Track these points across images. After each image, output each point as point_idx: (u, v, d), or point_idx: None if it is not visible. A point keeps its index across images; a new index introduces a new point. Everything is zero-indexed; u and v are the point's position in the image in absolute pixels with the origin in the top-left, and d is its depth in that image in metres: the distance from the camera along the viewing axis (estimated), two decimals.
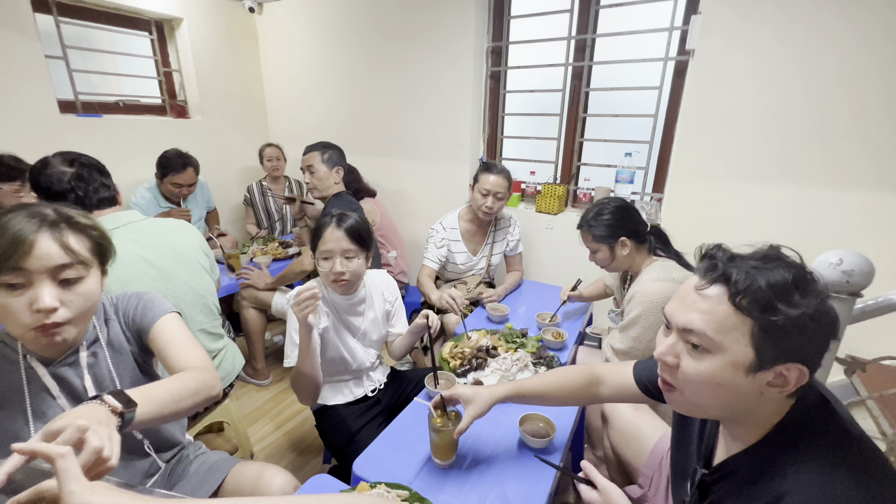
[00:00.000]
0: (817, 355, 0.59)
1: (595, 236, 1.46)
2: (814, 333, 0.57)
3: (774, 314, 0.57)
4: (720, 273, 0.62)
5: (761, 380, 0.60)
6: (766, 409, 0.64)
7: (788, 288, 0.57)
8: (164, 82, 2.90)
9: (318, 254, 1.28)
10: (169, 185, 2.27)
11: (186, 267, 1.42)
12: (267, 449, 1.83)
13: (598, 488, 0.81)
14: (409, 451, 1.07)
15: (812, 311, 0.56)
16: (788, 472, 0.59)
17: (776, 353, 0.58)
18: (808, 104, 1.71)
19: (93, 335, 0.91)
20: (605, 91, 2.29)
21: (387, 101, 2.82)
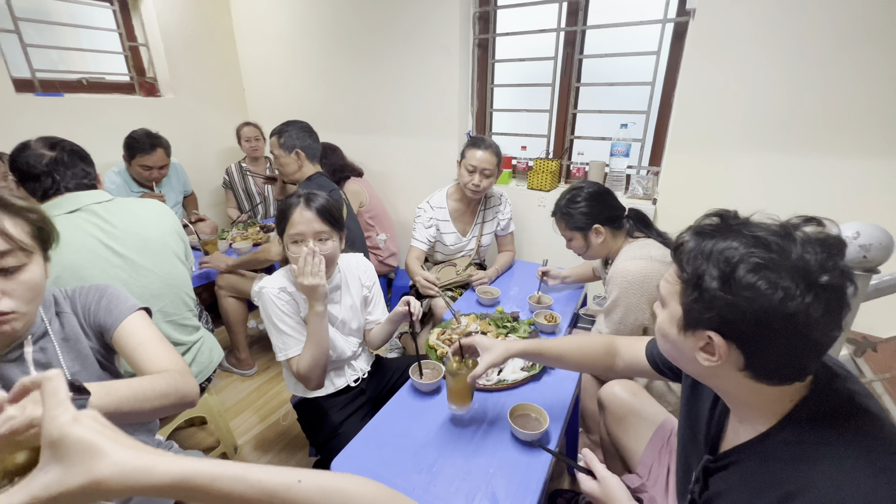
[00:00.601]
0: (756, 339, 0.54)
1: (568, 224, 1.43)
2: (732, 309, 0.53)
3: (694, 276, 0.57)
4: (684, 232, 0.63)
5: (693, 341, 0.60)
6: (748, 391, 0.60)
7: (720, 254, 0.55)
8: (130, 58, 2.71)
9: (286, 238, 1.18)
10: (137, 168, 2.14)
11: (154, 253, 1.32)
12: (252, 442, 1.77)
13: (598, 478, 0.79)
14: (392, 448, 0.99)
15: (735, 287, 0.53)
16: (801, 468, 0.54)
17: (697, 316, 0.57)
18: (816, 66, 1.59)
19: (41, 329, 0.84)
20: (599, 58, 2.16)
21: (369, 72, 2.66)
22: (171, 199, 2.41)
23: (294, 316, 1.20)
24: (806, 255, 0.52)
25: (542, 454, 0.98)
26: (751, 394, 0.60)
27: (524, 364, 1.25)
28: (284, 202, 1.21)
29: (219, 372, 2.20)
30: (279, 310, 1.18)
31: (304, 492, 0.43)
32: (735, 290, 0.53)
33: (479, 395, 1.16)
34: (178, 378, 0.84)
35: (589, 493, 0.80)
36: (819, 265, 0.51)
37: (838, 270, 0.51)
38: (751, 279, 0.52)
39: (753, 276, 0.52)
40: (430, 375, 1.19)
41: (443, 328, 1.42)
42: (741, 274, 0.52)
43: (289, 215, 1.17)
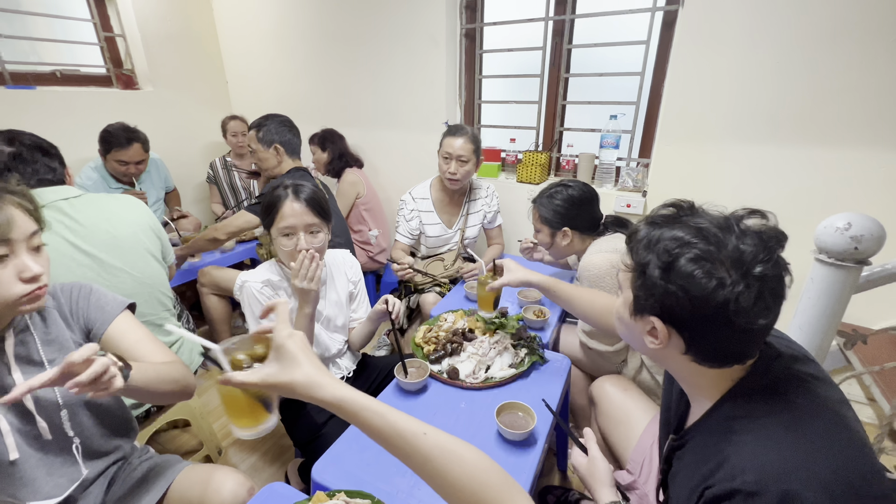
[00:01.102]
0: (693, 325, 0.58)
1: (541, 216, 1.43)
2: (670, 297, 0.57)
3: (640, 264, 0.61)
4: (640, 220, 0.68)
5: (642, 325, 0.64)
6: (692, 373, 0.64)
7: (664, 244, 0.58)
8: (106, 49, 2.62)
9: (275, 231, 1.15)
10: (114, 163, 2.06)
11: (125, 252, 1.26)
12: (237, 443, 1.73)
13: (589, 456, 0.82)
14: (375, 450, 0.96)
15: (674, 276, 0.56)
16: (731, 440, 0.58)
17: (643, 302, 0.61)
18: (805, 57, 1.57)
19: (21, 322, 0.83)
20: (588, 48, 2.12)
21: (354, 63, 2.60)
22: (152, 196, 2.34)
23: None
24: (742, 246, 0.55)
25: (530, 453, 0.96)
26: (696, 375, 0.65)
27: (512, 361, 1.23)
28: (271, 194, 1.16)
29: (202, 372, 2.15)
30: (261, 304, 1.15)
31: (426, 444, 0.53)
32: (674, 279, 0.56)
33: (465, 394, 1.13)
34: (184, 369, 0.93)
35: (575, 466, 0.83)
36: (753, 256, 0.54)
37: (772, 262, 0.54)
38: (688, 268, 0.55)
39: (691, 266, 0.55)
40: (416, 374, 1.16)
41: (429, 325, 1.39)
42: (681, 263, 0.56)
43: (278, 208, 1.13)
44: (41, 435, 0.82)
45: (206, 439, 1.58)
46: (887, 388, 1.29)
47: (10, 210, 0.74)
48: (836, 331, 0.96)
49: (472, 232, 2.00)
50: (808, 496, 0.48)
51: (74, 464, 0.88)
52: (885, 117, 1.52)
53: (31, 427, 0.81)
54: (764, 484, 0.50)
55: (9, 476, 0.79)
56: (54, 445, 0.84)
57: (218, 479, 0.93)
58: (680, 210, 0.63)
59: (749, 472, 0.52)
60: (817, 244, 0.92)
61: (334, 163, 2.50)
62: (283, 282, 1.22)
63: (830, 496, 0.49)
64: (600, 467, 0.79)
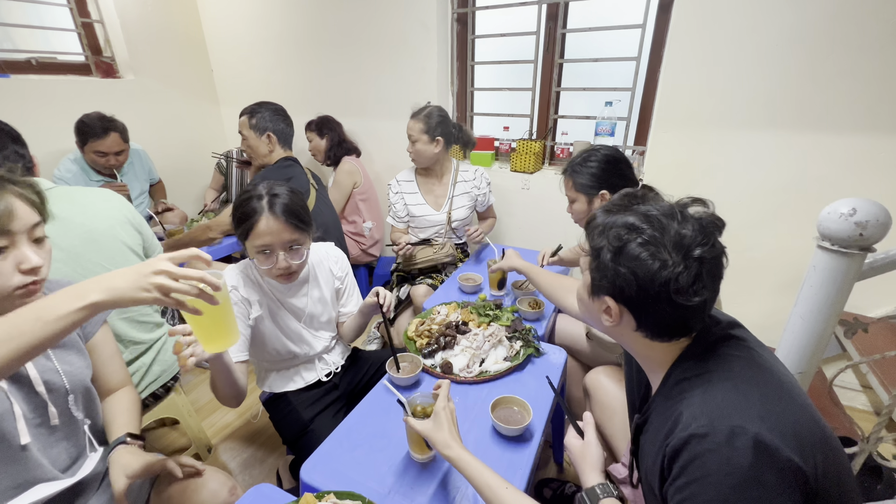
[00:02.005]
0: (641, 304, 0.63)
1: (576, 183, 1.36)
2: (620, 278, 0.62)
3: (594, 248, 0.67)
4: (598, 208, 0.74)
5: (598, 305, 0.69)
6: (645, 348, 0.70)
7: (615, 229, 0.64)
8: (84, 36, 2.52)
9: (250, 246, 1.06)
10: (92, 155, 1.98)
11: (100, 246, 1.21)
12: (227, 441, 1.70)
13: (584, 440, 0.83)
14: (366, 448, 0.93)
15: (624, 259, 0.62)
16: (683, 398, 0.63)
17: (598, 283, 0.67)
18: (804, 41, 1.54)
19: None
20: (583, 32, 2.07)
21: (343, 51, 2.52)
22: (136, 188, 2.27)
23: (241, 318, 1.09)
24: (683, 231, 0.61)
25: (526, 448, 0.93)
26: (648, 349, 0.70)
27: (507, 354, 1.20)
28: (243, 206, 1.04)
29: (192, 368, 2.10)
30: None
31: (506, 497, 0.71)
32: (623, 262, 0.62)
33: (459, 389, 1.10)
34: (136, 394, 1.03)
35: (568, 447, 0.84)
36: (692, 240, 0.60)
37: (710, 245, 0.61)
38: (636, 252, 0.61)
39: (638, 249, 0.61)
40: (408, 369, 1.13)
41: (422, 318, 1.36)
42: (630, 248, 0.61)
43: (253, 223, 1.02)
44: (49, 420, 0.83)
45: (195, 437, 1.54)
46: (885, 377, 1.28)
47: (12, 200, 0.73)
48: (838, 319, 0.93)
49: (460, 214, 1.97)
50: (750, 428, 0.53)
51: (82, 446, 0.90)
52: (885, 101, 1.49)
53: (40, 413, 0.81)
54: (712, 425, 0.56)
55: (20, 461, 0.78)
56: (62, 431, 0.85)
57: (198, 479, 0.90)
58: (632, 199, 0.68)
59: (699, 418, 0.57)
60: (820, 231, 0.89)
61: (334, 149, 2.45)
62: (254, 288, 1.14)
63: (771, 429, 0.54)
64: (593, 452, 0.80)
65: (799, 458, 0.53)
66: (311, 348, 1.23)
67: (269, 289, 1.16)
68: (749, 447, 0.52)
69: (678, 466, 0.58)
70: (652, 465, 0.66)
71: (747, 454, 0.52)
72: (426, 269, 1.93)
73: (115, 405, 0.97)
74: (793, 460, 0.52)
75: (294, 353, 1.20)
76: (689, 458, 0.56)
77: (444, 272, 1.94)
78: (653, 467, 0.65)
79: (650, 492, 0.69)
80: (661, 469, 0.62)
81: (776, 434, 0.53)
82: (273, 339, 1.17)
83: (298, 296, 1.20)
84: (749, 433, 0.53)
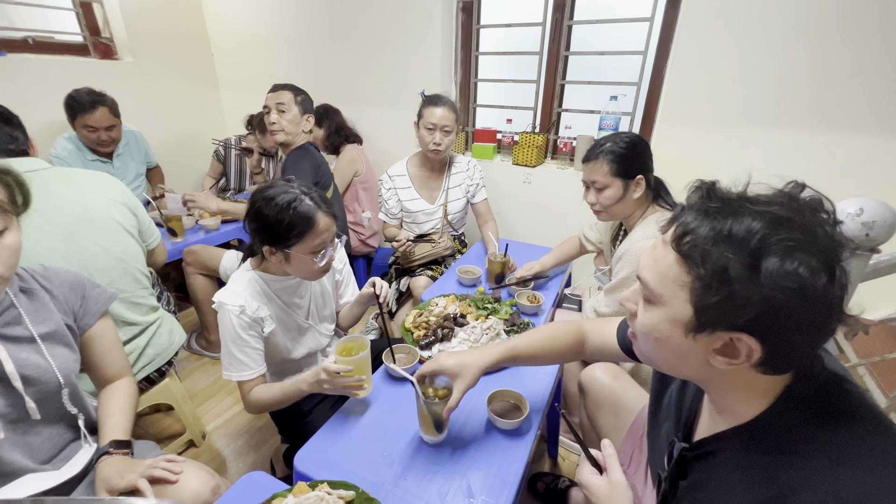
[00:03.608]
0: (788, 332, 0.46)
1: (612, 168, 1.24)
2: (771, 305, 0.44)
3: (714, 270, 0.47)
4: (678, 212, 0.54)
5: (705, 344, 0.51)
6: (742, 382, 0.54)
7: (743, 240, 0.46)
8: (81, 15, 2.47)
9: (302, 249, 1.00)
10: (83, 131, 1.96)
11: (96, 225, 1.21)
12: (223, 427, 1.69)
13: (610, 479, 0.67)
14: (361, 439, 0.93)
15: (769, 278, 0.44)
16: (793, 461, 0.50)
17: (718, 317, 0.48)
18: (815, 38, 1.51)
19: (6, 301, 0.81)
20: (589, 25, 2.04)
21: (346, 38, 2.49)
22: (132, 170, 2.25)
23: (252, 340, 1.05)
24: (827, 229, 0.45)
25: (522, 442, 0.93)
26: (744, 385, 0.54)
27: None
28: (294, 205, 0.97)
29: (188, 355, 2.10)
30: (236, 332, 1.02)
31: None
32: (772, 282, 0.44)
33: None
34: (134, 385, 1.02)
35: (586, 486, 0.68)
36: (841, 243, 0.45)
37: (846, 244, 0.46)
38: (789, 266, 0.43)
39: (791, 263, 0.43)
40: (405, 360, 1.12)
41: (420, 309, 1.35)
42: (774, 262, 0.44)
43: (313, 223, 0.98)
44: (29, 415, 0.82)
45: (189, 424, 1.54)
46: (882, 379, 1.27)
47: None
48: None
49: (456, 206, 1.94)
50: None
51: (69, 437, 0.90)
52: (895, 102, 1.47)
53: (17, 408, 0.80)
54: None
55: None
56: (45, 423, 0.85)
57: (181, 478, 0.87)
58: (725, 195, 0.52)
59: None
60: None
61: (332, 138, 2.43)
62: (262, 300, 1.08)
63: None
64: (624, 494, 0.65)
65: None
66: (318, 344, 1.22)
67: (276, 294, 1.12)
68: None
69: None
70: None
71: None
72: (426, 263, 1.92)
73: (111, 401, 0.95)
74: None
75: (303, 352, 1.19)
76: None
77: (443, 264, 1.93)
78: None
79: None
80: None
81: None
82: (284, 346, 1.15)
83: (301, 293, 1.17)
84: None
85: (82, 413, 0.90)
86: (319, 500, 0.73)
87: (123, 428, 0.91)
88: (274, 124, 1.75)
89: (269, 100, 1.76)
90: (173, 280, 2.58)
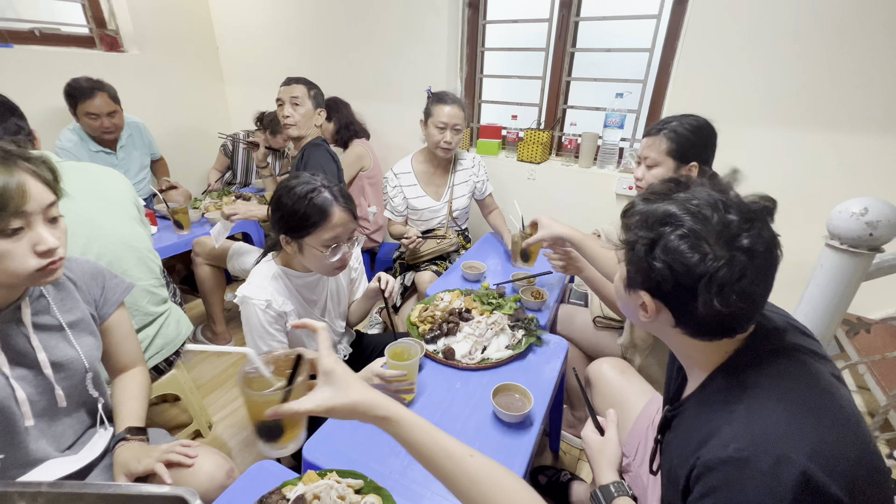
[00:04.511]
0: (680, 300, 0.58)
1: (669, 147, 1.20)
2: (657, 273, 0.57)
3: (630, 239, 0.61)
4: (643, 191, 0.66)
5: (635, 300, 0.64)
6: (688, 347, 0.65)
7: (652, 220, 0.58)
8: (88, 7, 2.47)
9: (314, 240, 1.01)
10: (85, 119, 1.97)
11: (113, 214, 1.25)
12: (228, 418, 1.71)
13: (605, 436, 0.82)
14: (367, 432, 0.94)
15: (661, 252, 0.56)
16: (724, 409, 0.59)
17: (633, 279, 0.62)
18: (823, 36, 1.51)
19: (36, 290, 0.84)
20: (596, 21, 2.03)
21: (350, 32, 2.49)
22: (137, 161, 2.25)
23: (278, 335, 1.07)
24: (728, 217, 0.54)
25: (526, 435, 0.94)
26: (688, 347, 0.65)
27: (509, 342, 1.21)
28: (311, 196, 0.98)
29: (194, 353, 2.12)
30: (263, 327, 1.04)
31: (472, 466, 0.54)
32: (659, 255, 0.57)
33: (461, 375, 1.11)
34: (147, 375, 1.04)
35: (586, 440, 0.83)
36: (738, 228, 0.54)
37: (757, 233, 0.54)
38: (674, 244, 0.55)
39: (677, 242, 0.55)
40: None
41: (425, 304, 1.36)
42: (668, 240, 0.56)
43: (328, 216, 0.99)
44: (57, 402, 0.83)
45: (196, 414, 1.56)
46: (882, 378, 1.29)
47: (25, 179, 0.70)
48: (842, 319, 0.94)
49: (461, 203, 1.95)
50: (799, 460, 0.49)
51: (88, 423, 0.92)
52: None
53: (47, 396, 0.82)
54: (755, 449, 0.51)
55: (22, 444, 0.79)
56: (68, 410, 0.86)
57: (195, 461, 0.89)
58: (674, 186, 0.62)
59: (740, 439, 0.53)
60: (830, 229, 0.89)
61: (341, 132, 2.42)
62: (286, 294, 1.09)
63: (822, 463, 0.49)
64: (612, 450, 0.79)
65: (847, 497, 0.48)
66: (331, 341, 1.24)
67: (296, 289, 1.13)
68: (794, 480, 0.48)
69: (707, 485, 0.54)
70: (678, 465, 0.63)
71: (791, 488, 0.48)
72: (432, 258, 1.93)
73: (126, 390, 0.98)
74: (840, 500, 0.48)
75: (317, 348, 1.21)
76: (722, 481, 0.52)
77: (448, 259, 1.94)
78: (678, 469, 0.63)
79: (670, 484, 0.68)
80: (686, 478, 0.59)
81: (826, 469, 0.49)
82: (301, 342, 1.17)
83: (320, 290, 1.19)
84: (797, 465, 0.48)
85: (102, 397, 0.93)
86: (329, 488, 0.75)
87: (138, 415, 0.93)
88: (288, 118, 1.75)
89: (283, 93, 1.75)
90: (179, 273, 2.60)
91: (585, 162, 2.12)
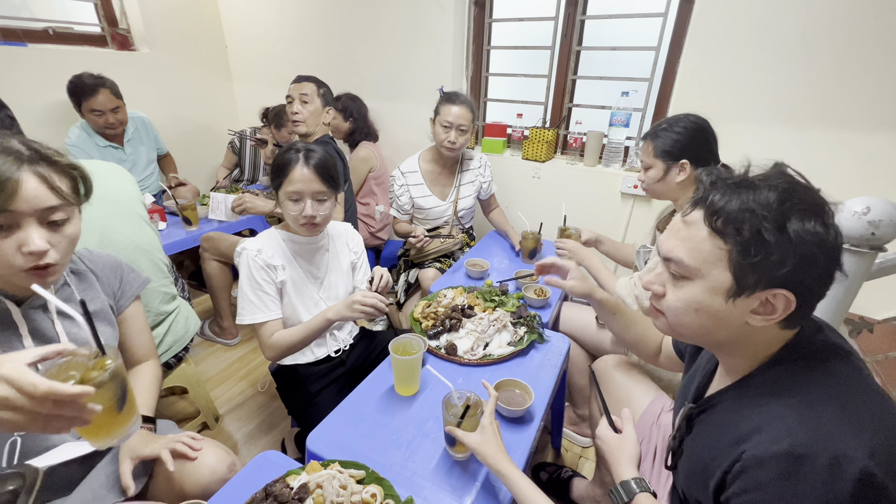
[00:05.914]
0: (813, 283, 0.54)
1: (656, 149, 1.28)
2: (803, 259, 0.52)
3: (750, 236, 0.54)
4: (701, 196, 0.60)
5: (744, 306, 0.57)
6: (760, 340, 0.61)
7: (768, 208, 0.53)
8: (100, 6, 2.52)
9: (283, 193, 1.13)
10: (90, 116, 2.01)
11: (122, 217, 1.26)
12: (234, 412, 1.74)
13: (622, 433, 0.81)
14: (370, 423, 0.96)
15: (798, 236, 0.52)
16: (774, 403, 0.57)
17: (757, 278, 0.55)
18: (830, 34, 1.50)
19: (61, 280, 0.88)
20: (602, 20, 2.03)
21: (358, 30, 2.50)
22: (143, 156, 2.29)
23: (265, 285, 1.14)
24: (816, 195, 0.54)
25: (526, 430, 0.95)
26: (762, 342, 0.61)
27: (511, 339, 1.22)
28: (282, 156, 1.14)
29: (201, 341, 2.16)
30: (251, 272, 1.14)
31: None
32: (799, 239, 0.51)
33: (463, 370, 1.13)
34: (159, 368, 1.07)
35: (602, 438, 0.82)
36: (826, 201, 0.54)
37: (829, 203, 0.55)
38: (808, 225, 0.51)
39: (809, 222, 0.52)
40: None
41: (429, 300, 1.38)
42: (797, 223, 0.52)
43: (287, 171, 1.11)
44: None
45: (203, 407, 1.59)
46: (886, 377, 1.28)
47: (24, 178, 0.68)
48: (844, 319, 0.94)
49: (466, 203, 1.96)
50: (859, 458, 0.48)
51: None
52: None
53: None
54: (813, 446, 0.50)
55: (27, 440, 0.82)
56: None
57: (198, 455, 0.90)
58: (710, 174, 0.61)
59: (796, 434, 0.51)
60: None
61: (355, 134, 2.45)
62: (279, 252, 1.19)
63: (882, 462, 0.49)
64: (632, 447, 0.78)
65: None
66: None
67: (294, 253, 1.21)
68: (854, 479, 0.48)
69: (755, 480, 0.53)
70: (709, 460, 0.62)
71: (850, 486, 0.48)
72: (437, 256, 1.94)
73: (138, 381, 1.01)
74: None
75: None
76: (775, 475, 0.51)
77: (452, 256, 1.95)
78: (710, 463, 0.62)
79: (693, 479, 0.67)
80: (724, 472, 0.58)
81: (886, 468, 0.48)
82: (293, 308, 1.21)
83: (318, 262, 1.25)
84: (857, 464, 0.48)
85: None
86: (332, 478, 0.77)
87: (149, 406, 0.97)
88: (297, 114, 1.78)
89: (293, 90, 1.79)
90: (187, 268, 2.64)
91: (591, 160, 2.12)
